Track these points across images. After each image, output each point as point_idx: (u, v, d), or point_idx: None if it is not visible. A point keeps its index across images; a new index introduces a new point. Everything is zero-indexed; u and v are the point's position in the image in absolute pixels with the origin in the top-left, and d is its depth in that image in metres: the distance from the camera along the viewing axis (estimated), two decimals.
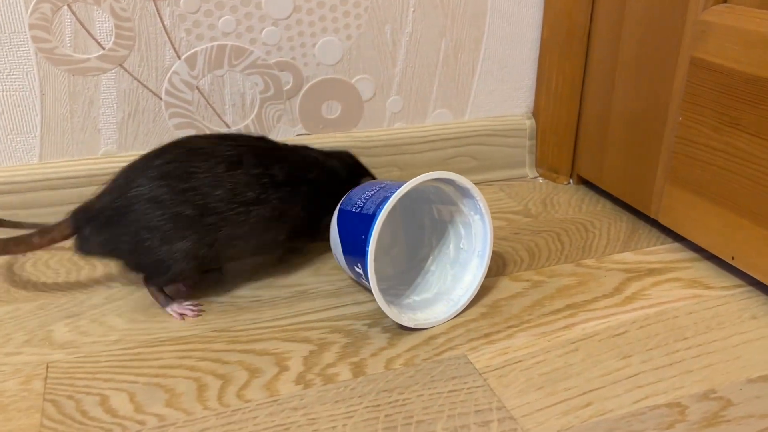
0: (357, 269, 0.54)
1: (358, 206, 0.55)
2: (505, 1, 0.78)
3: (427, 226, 0.62)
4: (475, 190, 0.55)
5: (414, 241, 0.63)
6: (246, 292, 0.61)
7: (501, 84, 0.82)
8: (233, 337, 0.54)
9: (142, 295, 0.60)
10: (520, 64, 0.82)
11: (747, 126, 0.58)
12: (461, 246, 0.59)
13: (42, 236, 0.56)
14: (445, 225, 0.60)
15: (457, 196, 0.57)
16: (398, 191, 0.51)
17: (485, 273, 0.57)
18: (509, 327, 0.56)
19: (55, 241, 0.56)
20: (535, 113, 0.84)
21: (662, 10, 0.65)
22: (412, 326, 0.55)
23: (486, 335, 0.55)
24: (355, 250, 0.53)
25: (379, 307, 0.53)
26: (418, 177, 0.52)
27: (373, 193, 0.55)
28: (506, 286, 0.62)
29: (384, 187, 0.55)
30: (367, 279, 0.52)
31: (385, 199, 0.52)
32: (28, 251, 0.61)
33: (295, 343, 0.54)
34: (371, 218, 0.52)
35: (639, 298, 0.60)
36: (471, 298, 0.57)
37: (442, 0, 0.75)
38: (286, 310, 0.58)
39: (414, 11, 0.75)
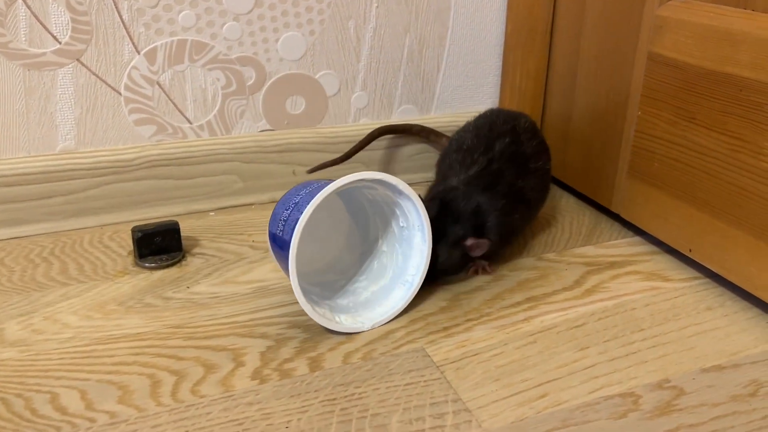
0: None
1: (280, 229, 0.54)
2: None
3: (368, 208, 0.62)
4: (389, 178, 0.53)
5: (363, 221, 0.63)
6: (204, 288, 0.60)
7: (466, 80, 0.83)
8: (190, 333, 0.54)
9: (98, 292, 0.59)
10: (484, 60, 0.82)
11: (702, 120, 0.59)
12: (402, 224, 0.58)
13: None
14: (381, 205, 0.60)
15: (374, 184, 0.56)
16: (302, 217, 0.50)
17: (430, 246, 0.56)
18: (468, 320, 0.56)
19: None
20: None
21: (620, 6, 0.66)
22: (369, 327, 0.55)
23: (445, 328, 0.55)
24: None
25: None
26: (320, 194, 0.50)
27: (290, 211, 0.53)
28: (467, 280, 0.62)
29: (298, 203, 0.53)
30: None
31: (297, 221, 0.51)
32: None
33: (252, 338, 0.53)
34: (288, 245, 0.51)
35: (598, 290, 0.60)
36: (423, 276, 0.57)
37: None
38: (244, 305, 0.58)
39: (377, 7, 0.75)
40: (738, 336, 0.54)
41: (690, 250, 0.62)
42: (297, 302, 0.58)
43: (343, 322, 0.54)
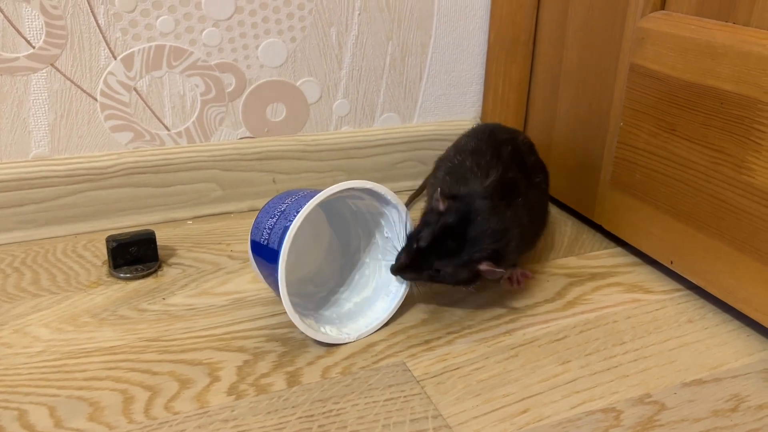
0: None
1: (265, 238, 0.53)
2: (451, 5, 0.77)
3: (350, 218, 0.61)
4: (377, 188, 0.53)
5: (343, 232, 0.62)
6: (180, 300, 0.59)
7: (449, 88, 0.82)
8: (165, 346, 0.52)
9: (71, 304, 0.57)
10: (467, 68, 0.82)
11: (683, 131, 0.58)
12: (386, 235, 0.58)
13: None
14: (365, 215, 0.59)
15: (362, 193, 0.55)
16: (292, 225, 0.49)
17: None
18: (449, 333, 0.55)
19: None
20: (483, 118, 0.84)
21: (602, 17, 0.66)
22: (355, 338, 0.54)
23: (426, 341, 0.54)
24: (274, 284, 0.52)
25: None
26: (310, 202, 0.50)
27: (275, 220, 0.52)
28: (448, 292, 0.61)
29: (284, 211, 0.52)
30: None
31: (285, 229, 0.50)
32: None
33: (229, 352, 0.52)
34: (276, 255, 0.50)
35: (580, 303, 0.60)
36: (408, 287, 0.56)
37: (388, 3, 0.75)
38: (221, 318, 0.56)
39: (359, 14, 0.74)
40: (719, 349, 0.54)
41: (671, 262, 0.62)
42: (275, 314, 0.57)
43: (329, 332, 0.53)
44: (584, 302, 0.60)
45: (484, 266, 0.53)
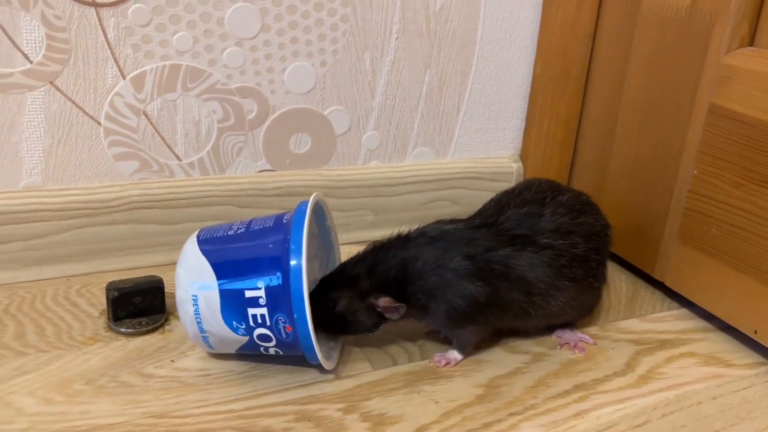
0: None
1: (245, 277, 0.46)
2: (496, 32, 0.70)
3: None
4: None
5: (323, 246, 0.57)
6: (192, 363, 0.50)
7: (487, 122, 0.75)
8: (175, 426, 0.44)
9: (61, 366, 0.48)
10: (508, 101, 0.75)
11: None
12: None
13: None
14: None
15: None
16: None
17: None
18: (512, 414, 0.47)
19: None
20: (523, 155, 0.76)
21: (677, 51, 0.59)
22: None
23: (485, 425, 0.46)
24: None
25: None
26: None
27: (247, 258, 0.47)
28: (502, 359, 0.53)
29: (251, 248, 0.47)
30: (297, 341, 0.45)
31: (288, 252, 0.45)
32: None
33: None
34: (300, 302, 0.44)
35: (654, 377, 0.52)
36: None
37: (429, 27, 0.67)
38: (241, 388, 0.48)
39: (397, 38, 0.67)
40: None
41: (756, 332, 0.54)
42: (304, 385, 0.49)
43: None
44: (659, 377, 0.52)
45: (381, 301, 0.48)
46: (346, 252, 0.55)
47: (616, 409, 0.48)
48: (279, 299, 0.45)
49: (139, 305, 0.53)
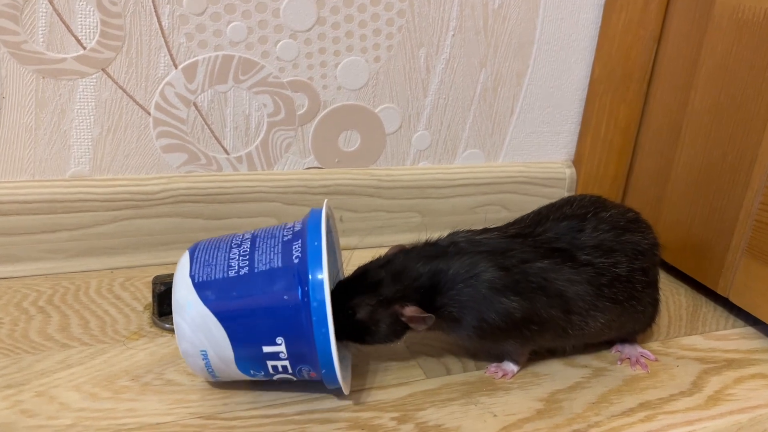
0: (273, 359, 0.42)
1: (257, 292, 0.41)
2: (555, 32, 0.68)
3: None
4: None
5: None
6: None
7: (541, 125, 0.72)
8: (223, 427, 0.42)
9: (106, 360, 0.47)
10: (564, 104, 0.72)
11: None
12: None
13: None
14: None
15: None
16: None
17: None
18: (575, 431, 0.44)
19: None
20: (577, 161, 0.74)
21: (754, 56, 0.56)
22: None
23: None
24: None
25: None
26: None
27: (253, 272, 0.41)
28: (561, 373, 0.50)
29: (258, 270, 0.41)
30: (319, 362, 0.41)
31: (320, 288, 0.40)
32: None
33: None
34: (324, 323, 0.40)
35: (724, 399, 0.49)
36: None
37: (486, 25, 0.65)
38: (293, 391, 0.46)
39: (453, 35, 0.64)
40: None
41: None
42: (358, 390, 0.46)
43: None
44: (729, 399, 0.49)
45: (408, 311, 0.44)
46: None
47: (686, 431, 0.45)
48: (302, 354, 0.41)
49: None
